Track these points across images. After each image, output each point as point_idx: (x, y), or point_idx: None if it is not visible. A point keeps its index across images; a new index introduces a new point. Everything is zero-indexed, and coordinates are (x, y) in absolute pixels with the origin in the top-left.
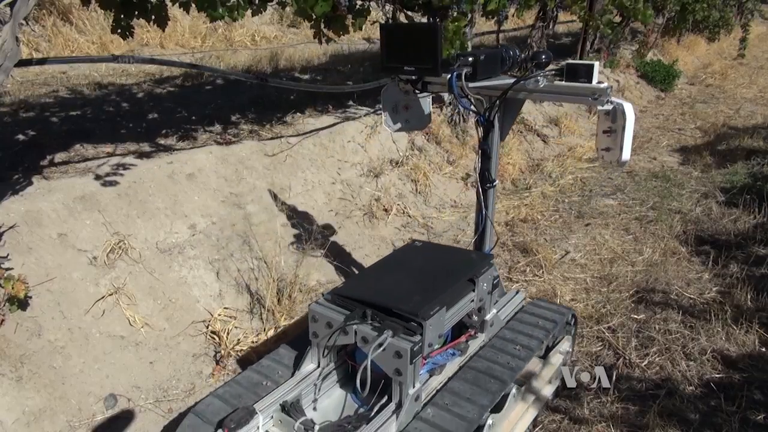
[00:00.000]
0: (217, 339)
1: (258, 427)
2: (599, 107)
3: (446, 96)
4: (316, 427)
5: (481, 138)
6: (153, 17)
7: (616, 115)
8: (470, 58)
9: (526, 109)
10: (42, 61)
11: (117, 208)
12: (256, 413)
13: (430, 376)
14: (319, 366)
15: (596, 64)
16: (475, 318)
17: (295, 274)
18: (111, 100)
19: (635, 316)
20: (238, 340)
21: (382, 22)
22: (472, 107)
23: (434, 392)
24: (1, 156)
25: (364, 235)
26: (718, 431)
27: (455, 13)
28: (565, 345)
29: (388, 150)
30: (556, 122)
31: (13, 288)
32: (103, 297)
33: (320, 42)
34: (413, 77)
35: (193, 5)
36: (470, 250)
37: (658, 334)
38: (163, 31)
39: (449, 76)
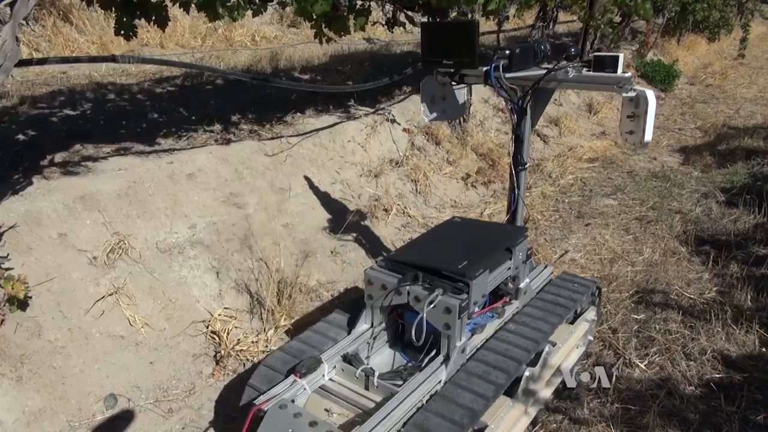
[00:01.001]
0: (217, 339)
1: (323, 375)
2: (623, 94)
3: None
4: (376, 373)
5: (515, 124)
6: (154, 17)
7: (639, 101)
8: (507, 51)
9: None
10: (42, 61)
11: (117, 208)
12: (323, 362)
13: (472, 335)
14: (372, 326)
15: (621, 55)
16: (511, 285)
17: (296, 274)
18: (111, 100)
19: (635, 316)
20: (238, 340)
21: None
22: (508, 96)
23: (476, 349)
24: (1, 156)
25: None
26: (718, 431)
27: (455, 14)
28: (590, 314)
29: (388, 150)
30: (556, 122)
31: (13, 288)
32: (103, 297)
33: (320, 42)
34: (451, 70)
35: (193, 5)
36: (506, 224)
37: (658, 334)
38: (164, 31)
39: (485, 68)
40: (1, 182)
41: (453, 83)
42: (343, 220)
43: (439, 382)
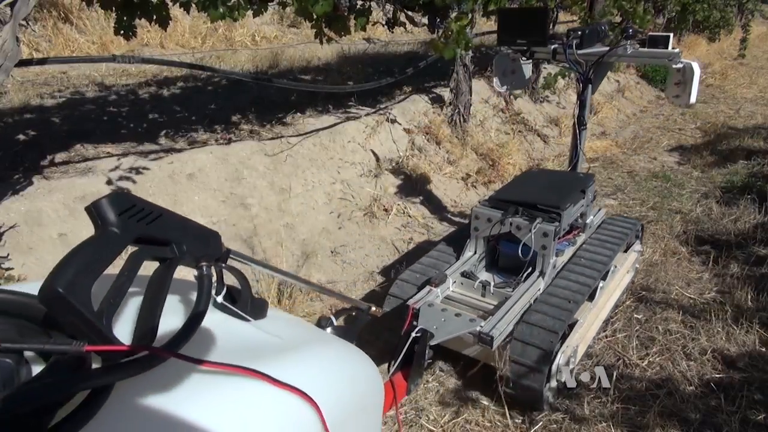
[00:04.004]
0: None
1: (449, 287)
2: (673, 66)
3: (446, 95)
4: (492, 283)
5: (580, 92)
6: (155, 17)
7: (686, 71)
8: (579, 32)
9: (526, 109)
10: (42, 61)
11: None
12: (447, 277)
13: (556, 257)
14: (475, 253)
15: (671, 35)
16: (580, 220)
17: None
18: (111, 100)
19: (636, 316)
20: None
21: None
22: (577, 69)
23: (560, 268)
24: (1, 156)
25: (364, 235)
26: (718, 431)
27: (455, 13)
28: (637, 246)
29: (388, 150)
30: (556, 122)
31: None
32: None
33: (321, 42)
34: (524, 48)
35: (194, 5)
36: (576, 172)
37: (658, 334)
38: (165, 30)
39: (553, 46)
40: (1, 182)
41: (523, 59)
42: (344, 220)
43: (539, 290)
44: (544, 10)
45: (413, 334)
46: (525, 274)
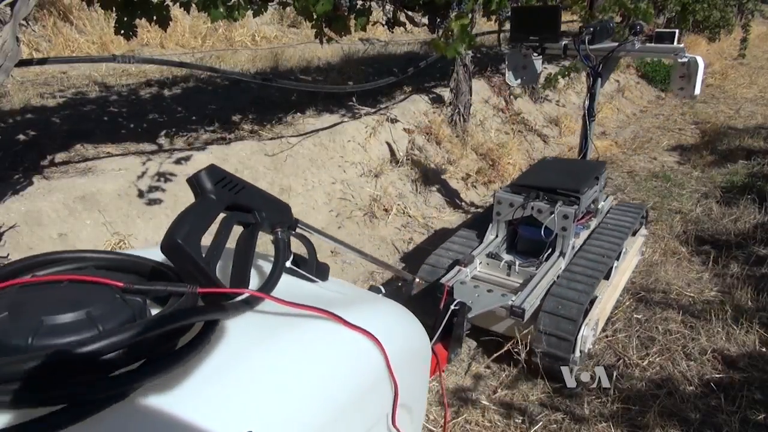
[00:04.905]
0: None
1: (476, 267)
2: (679, 60)
3: (446, 95)
4: (517, 263)
5: (590, 85)
6: (155, 17)
7: (690, 65)
8: (590, 28)
9: (526, 109)
10: (42, 61)
11: (117, 208)
12: (475, 258)
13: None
14: (496, 236)
15: (677, 31)
16: (592, 205)
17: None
18: (111, 100)
19: (636, 316)
20: None
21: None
22: (588, 63)
23: (577, 249)
24: (1, 156)
25: (364, 235)
26: (718, 431)
27: (455, 13)
28: (643, 231)
29: (388, 150)
30: (556, 122)
31: None
32: None
33: (321, 42)
34: (536, 44)
35: (194, 5)
36: (589, 159)
37: (658, 334)
38: (165, 30)
39: (564, 42)
40: (1, 182)
41: (534, 55)
42: (343, 219)
43: (560, 269)
44: (555, 9)
45: (452, 307)
46: (546, 255)
